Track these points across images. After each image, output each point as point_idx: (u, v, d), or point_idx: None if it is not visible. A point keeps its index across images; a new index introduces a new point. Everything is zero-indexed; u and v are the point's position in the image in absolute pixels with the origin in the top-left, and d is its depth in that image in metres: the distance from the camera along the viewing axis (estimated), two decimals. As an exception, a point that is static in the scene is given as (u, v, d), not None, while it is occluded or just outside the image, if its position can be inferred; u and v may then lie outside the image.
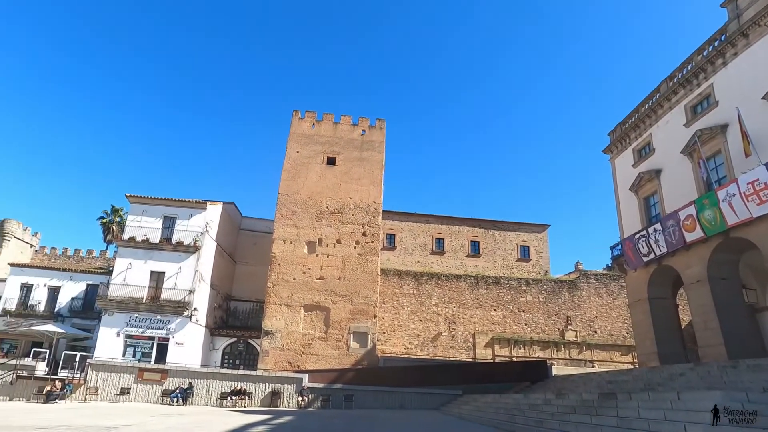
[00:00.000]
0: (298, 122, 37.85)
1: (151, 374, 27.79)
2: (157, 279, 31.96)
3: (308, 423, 20.36)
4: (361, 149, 37.17)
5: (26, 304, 34.69)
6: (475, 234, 42.14)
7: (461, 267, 40.53)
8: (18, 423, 17.59)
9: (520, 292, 37.37)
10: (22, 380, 27.55)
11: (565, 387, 23.45)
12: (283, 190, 35.56)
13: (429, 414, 24.81)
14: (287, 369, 30.55)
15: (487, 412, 21.27)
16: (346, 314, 32.64)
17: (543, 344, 35.66)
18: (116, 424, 18.10)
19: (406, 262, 40.16)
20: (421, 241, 41.29)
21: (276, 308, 32.57)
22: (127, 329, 30.36)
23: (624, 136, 27.73)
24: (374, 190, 36.05)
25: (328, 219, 35.03)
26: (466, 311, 36.48)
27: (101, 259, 46.24)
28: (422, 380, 28.80)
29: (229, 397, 27.04)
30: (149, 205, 33.68)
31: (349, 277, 33.57)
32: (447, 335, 35.83)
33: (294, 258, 33.90)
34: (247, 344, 33.85)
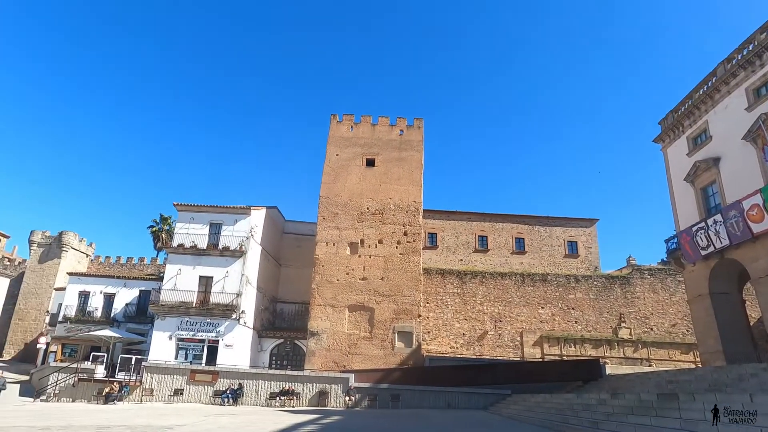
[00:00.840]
0: (336, 126, 38.18)
1: (203, 376, 28.60)
2: (206, 283, 32.88)
3: (356, 422, 20.36)
4: (399, 149, 37.06)
5: (84, 310, 36.50)
6: (520, 231, 41.04)
7: (506, 264, 39.56)
8: (80, 423, 18.44)
9: (568, 289, 36.07)
10: (83, 382, 28.93)
11: (621, 387, 22.45)
12: (324, 192, 35.92)
13: (477, 414, 24.33)
14: (334, 369, 30.74)
15: (537, 412, 20.65)
16: (390, 314, 32.56)
17: (595, 342, 34.25)
18: (172, 423, 18.69)
19: (449, 260, 39.60)
20: (464, 239, 40.61)
21: (321, 309, 32.89)
22: (178, 332, 31.41)
23: (677, 124, 26.24)
24: (414, 190, 35.84)
25: (369, 220, 35.09)
26: (513, 309, 35.58)
27: (152, 265, 48.31)
28: (469, 380, 28.31)
29: (278, 397, 27.48)
30: (196, 212, 34.70)
31: (391, 277, 33.48)
32: (493, 334, 35.04)
33: (337, 259, 34.15)
34: (294, 345, 34.33)
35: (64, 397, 28.41)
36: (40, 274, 49.50)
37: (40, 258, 50.32)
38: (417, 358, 31.43)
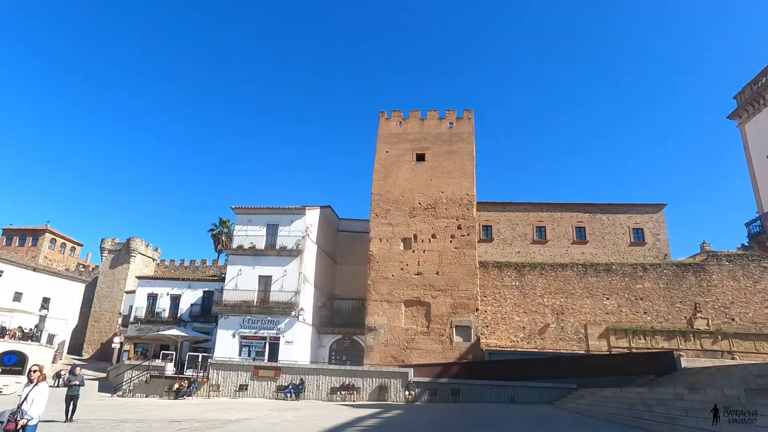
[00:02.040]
0: (385, 123, 38.15)
1: (266, 371, 29.35)
2: (265, 283, 33.60)
3: (418, 417, 20.12)
4: (450, 142, 36.52)
5: (153, 311, 38.31)
6: (580, 220, 39.26)
7: (566, 255, 37.96)
8: (154, 416, 19.31)
9: (635, 278, 34.10)
10: (155, 379, 30.45)
11: (700, 381, 20.91)
12: (375, 190, 35.94)
13: (542, 408, 23.44)
14: (392, 364, 30.67)
15: (606, 407, 19.66)
16: (446, 308, 32.10)
17: (667, 334, 32.15)
18: (239, 417, 19.18)
19: (506, 253, 38.52)
20: (521, 230, 39.37)
21: (377, 305, 32.90)
22: (241, 330, 32.29)
23: (756, 98, 24.03)
24: (466, 183, 35.17)
25: (422, 215, 34.78)
26: (575, 301, 34.09)
27: (214, 267, 50.20)
28: (531, 374, 27.47)
29: (339, 392, 27.74)
30: (253, 214, 35.57)
31: (446, 271, 33.00)
32: (555, 327, 33.72)
33: (391, 255, 34.07)
34: (352, 341, 34.54)
35: (138, 393, 29.94)
36: (112, 278, 52.67)
37: (111, 263, 53.56)
38: (476, 353, 30.81)
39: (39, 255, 59.34)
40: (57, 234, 64.24)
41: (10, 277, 42.81)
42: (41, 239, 61.86)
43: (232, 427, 16.40)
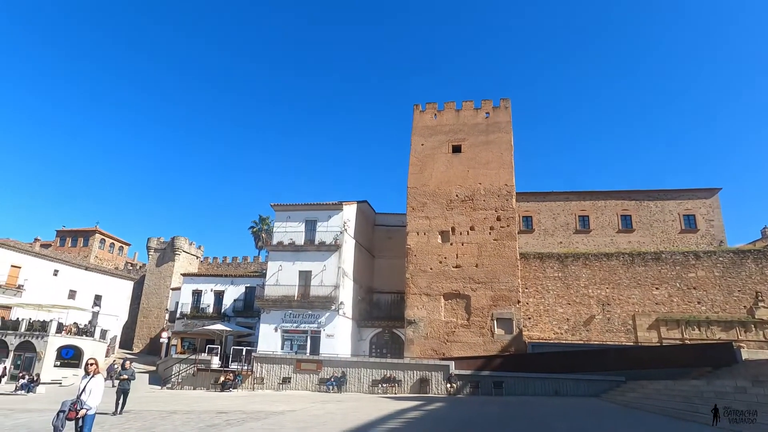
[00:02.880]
0: (419, 115, 37.83)
1: (308, 365, 29.67)
2: (305, 278, 33.96)
3: (461, 409, 19.86)
4: (486, 133, 35.86)
5: (198, 307, 39.46)
6: (626, 207, 37.67)
7: (611, 244, 36.54)
8: (202, 408, 19.79)
9: (687, 267, 32.47)
10: (201, 372, 31.29)
11: (764, 373, 19.70)
12: (411, 183, 35.72)
13: (589, 401, 22.72)
14: (433, 357, 30.47)
15: (658, 400, 18.87)
16: (487, 301, 31.59)
17: (724, 324, 30.44)
18: (283, 409, 19.42)
19: (547, 244, 37.48)
20: (562, 220, 38.20)
21: (416, 298, 32.73)
22: (283, 324, 32.77)
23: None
24: (505, 173, 34.46)
25: (459, 207, 34.33)
26: (622, 292, 32.84)
27: (255, 263, 51.16)
28: (577, 366, 26.69)
29: (380, 385, 27.77)
30: (292, 211, 36.01)
31: (486, 263, 32.47)
32: (601, 318, 32.60)
33: (429, 248, 33.80)
34: (392, 334, 34.56)
35: (186, 386, 30.85)
36: (158, 276, 54.55)
37: (157, 262, 55.47)
38: (518, 345, 30.22)
39: (90, 255, 62.14)
40: (106, 234, 67.12)
41: (65, 276, 45.00)
42: (92, 240, 64.79)
43: (277, 419, 16.60)
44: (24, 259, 42.01)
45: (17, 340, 34.94)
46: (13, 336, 35.12)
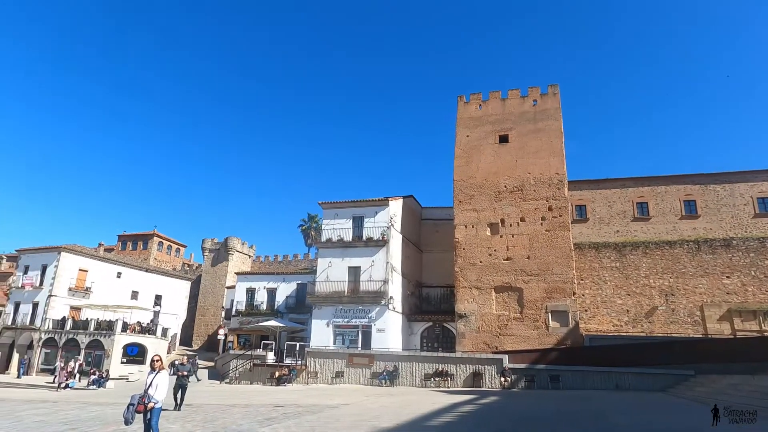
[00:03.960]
0: (464, 107, 37.17)
1: (360, 359, 29.87)
2: (354, 273, 34.11)
3: (517, 403, 19.37)
4: (534, 121, 34.77)
5: (252, 304, 40.44)
6: (689, 192, 35.29)
7: (674, 231, 34.35)
8: (259, 402, 20.26)
9: (764, 253, 30.05)
10: (257, 367, 32.13)
11: None
12: (457, 176, 35.17)
13: (653, 396, 21.57)
14: (485, 350, 29.94)
15: (732, 396, 17.67)
16: (540, 293, 30.66)
17: (809, 315, 28.05)
18: (337, 403, 19.60)
19: (603, 233, 35.80)
20: (618, 208, 36.33)
21: (466, 292, 32.22)
22: (334, 320, 33.08)
23: None
24: (555, 161, 33.29)
25: (508, 198, 33.49)
26: (688, 281, 30.93)
27: (305, 260, 52.02)
28: (639, 359, 25.46)
29: (432, 378, 27.60)
30: (339, 208, 36.28)
31: (538, 255, 31.51)
32: (665, 309, 30.84)
33: (477, 241, 33.19)
34: (443, 328, 34.25)
35: (243, 380, 31.77)
36: (213, 275, 56.48)
37: (212, 262, 57.44)
38: (575, 338, 29.15)
39: (149, 257, 65.22)
40: (163, 237, 70.25)
41: (127, 278, 47.39)
42: (150, 242, 68.02)
43: (332, 412, 16.74)
44: (90, 263, 44.53)
45: (87, 338, 37.15)
46: (83, 335, 37.37)
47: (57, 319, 39.69)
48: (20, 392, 28.70)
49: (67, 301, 41.71)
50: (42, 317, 40.12)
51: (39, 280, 42.11)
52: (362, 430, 12.58)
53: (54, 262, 41.94)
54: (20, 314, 41.74)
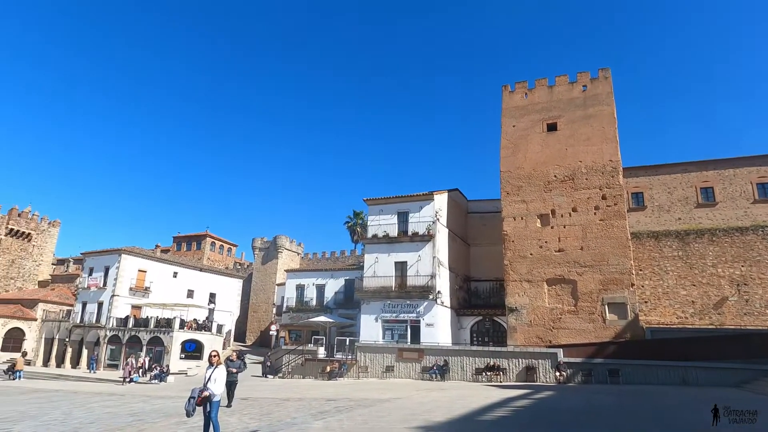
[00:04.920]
0: (509, 96, 36.22)
1: (410, 353, 29.75)
2: (401, 268, 33.99)
3: (574, 398, 18.62)
4: (584, 107, 33.40)
5: (302, 300, 41.21)
6: (763, 174, 32.22)
7: (745, 217, 31.75)
8: (311, 395, 20.51)
9: None
10: (309, 362, 32.58)
11: None
12: (504, 167, 34.35)
13: (726, 392, 20.13)
14: (538, 344, 29.16)
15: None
16: (595, 285, 29.45)
17: None
18: (388, 397, 19.53)
19: (662, 221, 33.83)
20: (680, 194, 34.17)
21: (517, 285, 31.44)
22: (382, 315, 33.11)
23: None
24: (608, 148, 31.86)
25: (559, 188, 32.38)
26: (763, 270, 28.66)
27: (352, 257, 52.41)
28: (709, 353, 23.99)
29: (484, 373, 27.12)
30: (384, 204, 36.22)
31: (592, 245, 30.28)
32: (737, 300, 28.78)
33: (527, 233, 32.30)
34: (493, 322, 33.68)
35: (295, 375, 32.29)
36: (264, 273, 57.89)
37: (262, 260, 58.90)
38: (635, 331, 27.82)
39: (203, 257, 67.62)
40: (215, 237, 72.68)
41: (183, 277, 49.24)
42: (203, 243, 70.52)
43: (384, 406, 16.67)
44: (148, 264, 46.58)
45: (148, 335, 38.89)
46: (144, 332, 39.17)
47: (120, 318, 41.75)
48: (91, 385, 30.40)
49: (129, 300, 43.81)
50: (106, 316, 42.31)
51: (102, 281, 44.45)
52: (415, 424, 12.41)
53: (116, 264, 44.13)
54: (87, 313, 44.20)
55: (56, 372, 38.42)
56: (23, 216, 58.12)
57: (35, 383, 31.15)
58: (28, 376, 34.68)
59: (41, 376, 36.10)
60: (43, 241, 60.27)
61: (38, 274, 59.15)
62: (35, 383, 31.15)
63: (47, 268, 60.68)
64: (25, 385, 29.93)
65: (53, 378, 35.37)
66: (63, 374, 36.70)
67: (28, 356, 40.59)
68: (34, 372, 37.49)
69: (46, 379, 34.62)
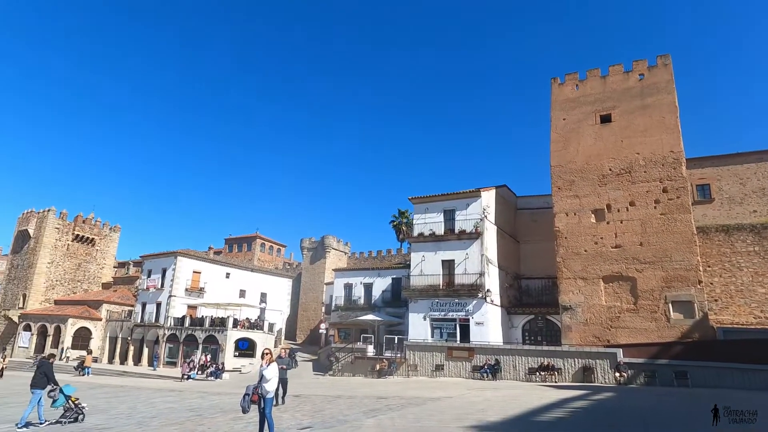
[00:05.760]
0: (558, 89, 35.01)
1: (459, 352, 29.32)
2: (448, 267, 33.49)
3: (636, 400, 17.64)
4: (641, 96, 31.74)
5: (350, 299, 41.42)
6: None
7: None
8: (362, 393, 20.61)
9: None
10: (358, 360, 32.72)
11: None
12: (555, 162, 33.23)
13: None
14: (595, 344, 27.94)
15: None
16: (657, 282, 27.89)
17: None
18: (439, 395, 19.29)
19: (734, 214, 31.46)
20: (754, 185, 31.51)
21: (570, 282, 30.30)
22: (431, 313, 32.74)
23: None
24: (669, 138, 30.12)
25: (614, 182, 30.97)
26: None
27: (398, 255, 52.26)
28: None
29: (537, 373, 26.35)
30: (429, 203, 35.82)
31: (653, 241, 28.73)
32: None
33: (581, 229, 31.09)
34: (546, 320, 32.61)
35: (345, 373, 32.50)
36: (312, 272, 58.74)
37: (311, 260, 59.79)
38: (704, 331, 26.10)
39: (253, 258, 69.41)
40: (265, 239, 74.47)
41: (235, 277, 50.63)
42: (254, 244, 72.43)
43: (436, 405, 16.48)
44: (202, 265, 48.20)
45: (203, 334, 40.23)
46: (200, 331, 40.54)
47: (177, 317, 43.40)
48: (152, 382, 31.83)
49: (185, 300, 45.47)
50: (164, 315, 44.11)
51: (160, 282, 46.34)
52: (468, 423, 12.12)
53: (172, 266, 45.90)
54: (147, 313, 46.26)
55: (120, 369, 40.44)
56: (87, 222, 61.63)
57: (102, 379, 32.98)
58: (95, 372, 36.75)
59: (107, 373, 38.12)
60: (105, 245, 63.66)
61: (101, 276, 62.51)
62: (102, 379, 32.98)
63: (109, 271, 64.02)
64: (93, 380, 31.76)
65: (118, 374, 37.27)
66: (126, 371, 38.56)
67: (95, 353, 42.86)
68: (101, 368, 39.64)
69: (112, 375, 36.55)
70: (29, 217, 59.91)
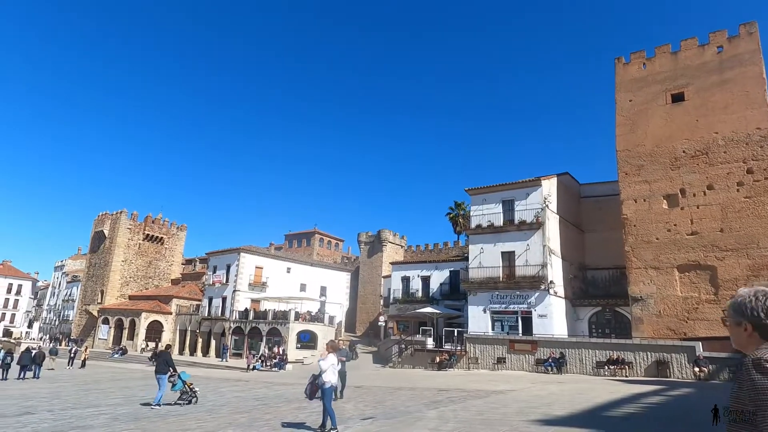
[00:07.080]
0: (623, 69, 33.00)
1: (522, 345, 28.55)
2: (508, 258, 32.64)
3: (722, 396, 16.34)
4: (720, 71, 29.24)
5: (408, 292, 41.42)
6: None
7: None
8: (423, 385, 20.51)
9: None
10: (418, 352, 32.67)
11: None
12: (621, 146, 31.45)
13: None
14: (669, 336, 26.29)
15: None
16: (741, 271, 25.76)
17: None
18: (502, 389, 18.85)
19: (828, 195, 28.52)
20: None
21: (641, 272, 28.62)
22: (491, 306, 32.08)
23: None
24: (754, 114, 27.59)
25: (689, 164, 28.85)
26: None
27: (456, 248, 51.46)
28: None
29: (606, 366, 25.15)
30: (487, 193, 35.00)
31: (735, 226, 26.55)
32: None
33: (651, 216, 29.27)
34: (614, 312, 31.10)
35: (405, 365, 32.52)
36: (370, 266, 59.14)
37: (368, 253, 60.20)
38: (797, 323, 23.75)
39: (312, 252, 70.92)
40: (323, 234, 75.92)
41: (296, 272, 51.93)
42: (312, 239, 74.05)
43: (499, 398, 16.13)
44: (264, 261, 49.78)
45: (267, 327, 41.57)
46: (263, 324, 41.92)
47: (241, 311, 45.10)
48: (220, 372, 33.26)
49: (248, 294, 47.14)
50: (230, 309, 45.99)
51: (225, 278, 48.35)
52: (533, 416, 11.70)
53: (236, 262, 47.72)
54: (213, 307, 48.44)
55: (190, 359, 42.55)
56: (156, 222, 65.56)
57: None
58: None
59: (178, 363, 39.78)
60: (173, 243, 67.35)
61: (170, 273, 66.22)
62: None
63: (178, 268, 67.67)
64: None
65: (188, 365, 39.14)
66: (196, 362, 40.51)
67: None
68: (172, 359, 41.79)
69: (182, 366, 38.33)
70: (104, 219, 64.48)
